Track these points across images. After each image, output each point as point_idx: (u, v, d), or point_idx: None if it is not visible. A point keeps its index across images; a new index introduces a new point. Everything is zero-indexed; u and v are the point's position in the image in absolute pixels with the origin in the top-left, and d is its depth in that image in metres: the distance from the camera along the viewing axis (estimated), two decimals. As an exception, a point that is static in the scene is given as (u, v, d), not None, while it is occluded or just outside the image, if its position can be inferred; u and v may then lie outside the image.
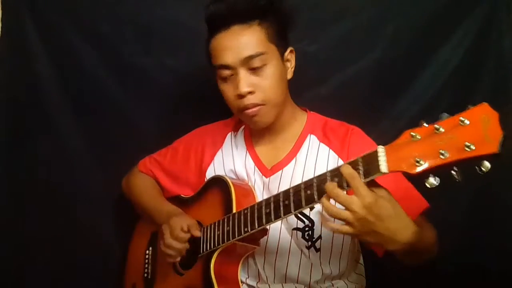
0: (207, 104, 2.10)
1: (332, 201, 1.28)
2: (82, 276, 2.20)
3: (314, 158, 1.73)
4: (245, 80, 1.60)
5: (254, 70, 1.61)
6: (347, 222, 1.25)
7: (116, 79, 2.19)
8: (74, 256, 2.20)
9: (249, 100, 1.62)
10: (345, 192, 1.26)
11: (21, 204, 2.18)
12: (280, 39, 1.68)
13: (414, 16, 2.07)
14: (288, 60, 1.72)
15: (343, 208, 1.25)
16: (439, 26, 2.07)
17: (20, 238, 2.18)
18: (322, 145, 1.75)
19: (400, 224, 1.26)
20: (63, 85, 2.18)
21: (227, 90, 1.66)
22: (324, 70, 2.12)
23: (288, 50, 1.72)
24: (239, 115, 1.71)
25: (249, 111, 1.63)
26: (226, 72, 1.63)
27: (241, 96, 1.62)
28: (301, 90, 1.80)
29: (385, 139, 1.88)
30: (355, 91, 2.12)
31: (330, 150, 1.73)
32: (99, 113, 2.21)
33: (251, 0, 1.62)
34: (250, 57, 1.59)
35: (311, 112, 1.86)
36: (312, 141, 1.77)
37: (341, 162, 1.67)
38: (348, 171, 1.24)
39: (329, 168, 1.62)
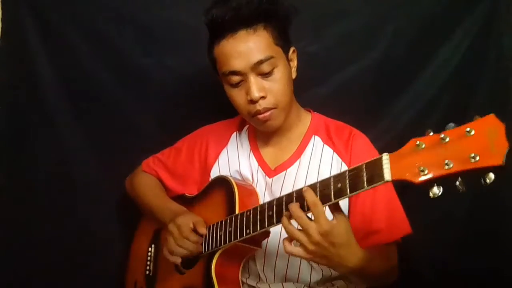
0: (208, 104, 2.11)
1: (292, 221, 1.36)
2: (83, 276, 2.20)
3: (318, 160, 1.73)
4: (257, 85, 1.60)
5: (264, 75, 1.60)
6: (301, 243, 1.34)
7: (116, 79, 2.19)
8: (75, 255, 2.20)
9: (261, 105, 1.61)
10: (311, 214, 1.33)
11: (21, 204, 2.17)
12: (284, 40, 1.68)
13: (414, 16, 2.07)
14: (291, 60, 1.71)
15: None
16: (439, 26, 2.07)
17: (21, 238, 2.17)
18: (326, 147, 1.75)
19: (349, 252, 1.36)
20: (63, 85, 2.17)
21: (237, 96, 1.65)
22: (324, 70, 2.12)
23: (291, 50, 1.72)
24: (250, 119, 1.70)
25: (261, 116, 1.63)
26: (236, 78, 1.62)
27: (253, 102, 1.61)
28: (301, 90, 1.80)
29: (385, 139, 1.90)
30: (355, 91, 2.12)
31: (334, 153, 1.74)
32: (99, 113, 2.21)
33: (256, 4, 1.60)
34: (260, 62, 1.58)
35: (315, 113, 1.86)
36: (316, 142, 1.77)
37: (344, 166, 1.69)
38: (311, 198, 1.30)
39: (332, 171, 1.64)
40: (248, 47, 1.59)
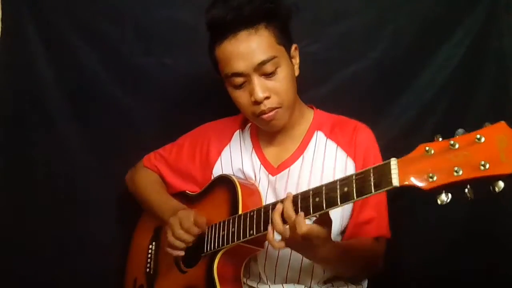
0: (207, 104, 2.11)
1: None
2: (83, 275, 2.20)
3: (322, 154, 1.72)
4: (260, 86, 1.58)
5: (267, 75, 1.59)
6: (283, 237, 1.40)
7: (116, 79, 2.18)
8: (74, 254, 2.20)
9: (266, 105, 1.59)
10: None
11: (21, 204, 2.17)
12: (286, 38, 1.66)
13: (414, 16, 2.07)
14: (293, 57, 1.70)
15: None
16: (439, 26, 2.07)
17: (20, 238, 2.17)
18: (330, 141, 1.74)
19: (320, 248, 1.42)
20: (63, 85, 2.17)
21: (241, 97, 1.63)
22: (324, 70, 2.12)
23: (293, 47, 1.70)
24: (254, 120, 1.69)
25: (266, 116, 1.61)
26: (239, 80, 1.60)
27: (257, 103, 1.59)
28: (301, 90, 1.79)
29: (385, 139, 1.91)
30: (355, 91, 2.12)
31: (338, 147, 1.73)
32: (99, 113, 2.20)
33: (257, 3, 1.58)
34: (263, 63, 1.56)
35: (318, 109, 1.85)
36: (319, 137, 1.76)
37: (349, 159, 1.69)
38: (289, 212, 1.37)
39: (337, 165, 1.66)
40: (250, 48, 1.57)
